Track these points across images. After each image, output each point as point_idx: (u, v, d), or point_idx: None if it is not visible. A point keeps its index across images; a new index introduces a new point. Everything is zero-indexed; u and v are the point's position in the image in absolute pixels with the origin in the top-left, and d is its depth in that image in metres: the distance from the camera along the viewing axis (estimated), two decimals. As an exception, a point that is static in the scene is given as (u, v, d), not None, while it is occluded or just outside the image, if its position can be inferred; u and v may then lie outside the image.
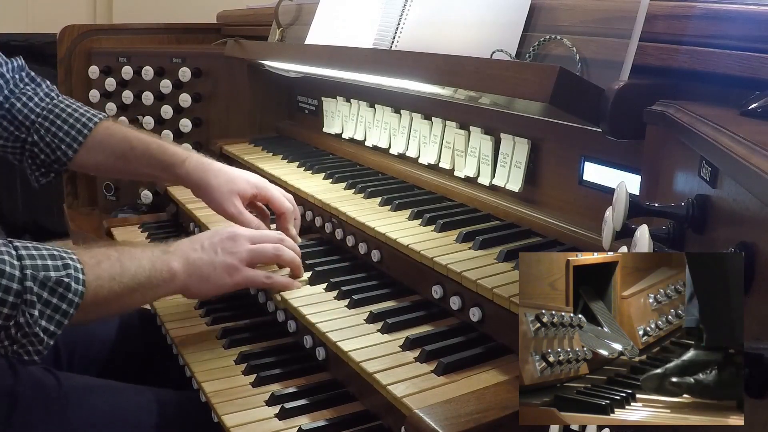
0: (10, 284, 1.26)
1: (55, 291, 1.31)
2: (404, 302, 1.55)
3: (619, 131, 1.26)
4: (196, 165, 1.87)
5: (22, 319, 1.27)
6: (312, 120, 2.66)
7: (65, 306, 1.32)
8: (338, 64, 1.98)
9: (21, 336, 1.29)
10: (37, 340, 1.30)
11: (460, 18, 1.74)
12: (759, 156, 0.72)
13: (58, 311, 1.32)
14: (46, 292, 1.30)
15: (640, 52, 1.29)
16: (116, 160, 1.93)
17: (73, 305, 1.33)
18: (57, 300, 1.31)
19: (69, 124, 1.90)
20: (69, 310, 1.32)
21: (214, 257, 1.56)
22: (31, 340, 1.30)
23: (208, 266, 1.55)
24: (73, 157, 1.91)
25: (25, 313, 1.28)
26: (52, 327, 1.31)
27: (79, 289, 1.34)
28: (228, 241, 1.60)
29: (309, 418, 1.37)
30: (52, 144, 1.90)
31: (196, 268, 1.53)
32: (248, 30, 2.88)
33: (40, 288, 1.30)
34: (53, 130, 1.89)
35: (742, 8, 1.17)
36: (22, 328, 1.28)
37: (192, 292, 1.57)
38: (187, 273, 1.52)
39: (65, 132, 1.90)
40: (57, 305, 1.31)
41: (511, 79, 1.34)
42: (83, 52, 2.95)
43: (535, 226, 1.60)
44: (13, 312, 1.27)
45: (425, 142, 2.02)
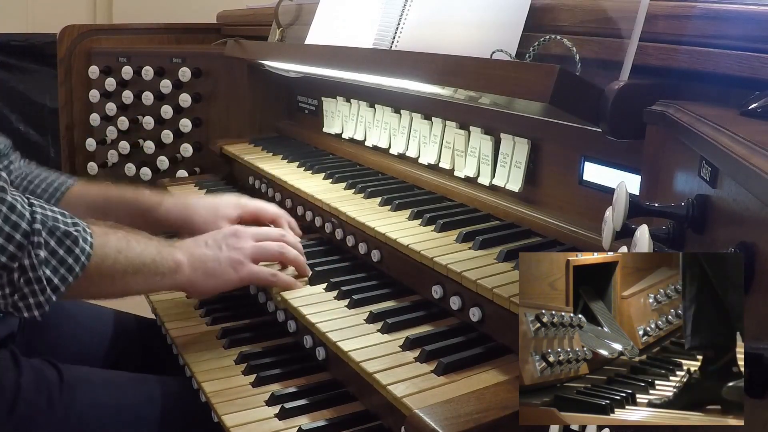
0: (20, 222, 1.24)
1: (63, 242, 1.29)
2: (404, 302, 1.55)
3: (619, 131, 1.26)
4: (175, 204, 1.87)
5: (26, 261, 1.25)
6: (312, 120, 2.67)
7: (71, 260, 1.30)
8: (338, 64, 1.98)
9: (24, 282, 1.26)
10: (40, 288, 1.27)
11: (460, 18, 1.74)
12: (759, 156, 0.72)
13: (63, 264, 1.29)
14: (54, 240, 1.28)
15: (640, 52, 1.29)
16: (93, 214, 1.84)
17: (79, 263, 1.31)
18: (64, 252, 1.29)
19: (47, 183, 1.90)
20: (75, 267, 1.30)
21: (218, 253, 1.56)
22: (33, 289, 1.27)
23: (213, 261, 1.55)
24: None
25: (31, 255, 1.25)
26: (56, 279, 1.29)
27: (86, 248, 1.32)
28: (232, 238, 1.60)
29: (309, 418, 1.37)
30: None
31: (201, 263, 1.54)
32: (248, 30, 2.88)
33: (48, 235, 1.28)
34: (31, 188, 1.88)
35: (742, 8, 1.17)
36: (26, 272, 1.25)
37: (198, 287, 1.56)
38: (192, 267, 1.52)
39: (43, 189, 1.88)
40: (63, 257, 1.29)
41: (511, 79, 1.34)
42: (83, 52, 2.95)
43: (535, 226, 1.60)
44: (18, 252, 1.24)
45: (425, 142, 2.02)
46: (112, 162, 2.94)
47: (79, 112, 2.99)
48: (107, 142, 2.93)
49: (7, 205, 1.24)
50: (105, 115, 2.91)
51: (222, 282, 1.57)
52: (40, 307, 1.29)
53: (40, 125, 3.97)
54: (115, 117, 2.90)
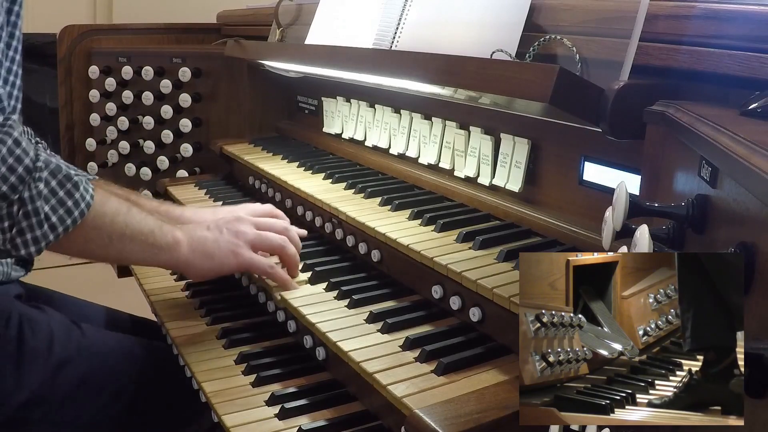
0: (23, 156, 1.25)
1: (64, 184, 1.30)
2: (404, 302, 1.55)
3: (619, 131, 1.26)
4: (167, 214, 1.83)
5: (26, 193, 1.25)
6: (312, 120, 2.67)
7: (71, 203, 1.30)
8: (338, 64, 1.98)
9: (22, 215, 1.26)
10: (37, 222, 1.27)
11: (460, 18, 1.74)
12: (759, 156, 0.72)
13: (62, 205, 1.29)
14: (55, 181, 1.29)
15: (640, 52, 1.29)
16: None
17: (78, 209, 1.31)
18: (64, 193, 1.30)
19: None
20: (73, 211, 1.30)
21: (219, 236, 1.57)
22: (31, 223, 1.27)
23: (213, 243, 1.55)
24: None
25: (31, 188, 1.25)
26: (54, 218, 1.29)
27: (86, 195, 1.33)
28: (234, 223, 1.61)
29: (309, 418, 1.37)
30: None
31: (199, 244, 1.54)
32: (248, 30, 2.88)
33: (50, 175, 1.28)
34: None
35: (742, 8, 1.17)
36: (25, 204, 1.26)
37: (195, 268, 1.56)
38: (191, 248, 1.53)
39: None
40: (63, 198, 1.29)
41: (511, 79, 1.34)
42: (83, 52, 2.95)
43: (535, 226, 1.60)
44: (19, 184, 1.25)
45: (425, 142, 2.02)
46: (112, 162, 2.94)
47: (79, 112, 2.99)
48: (107, 142, 2.93)
49: (12, 139, 1.25)
50: (105, 115, 2.91)
51: (219, 265, 1.57)
52: (37, 242, 1.29)
53: (40, 125, 3.96)
54: (115, 117, 2.90)
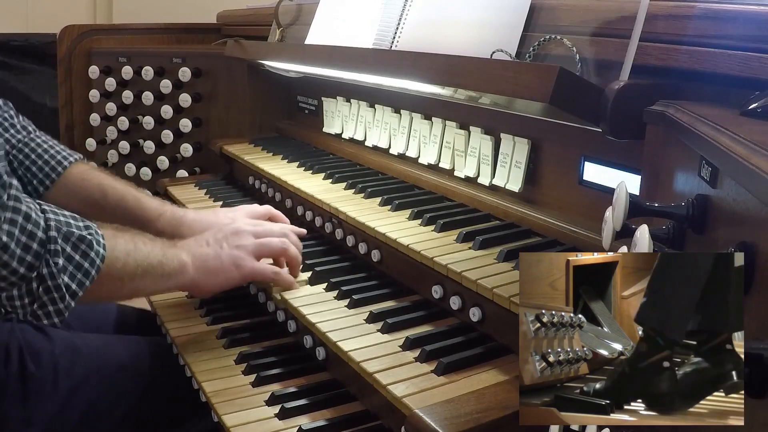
0: (35, 231, 1.23)
1: (78, 247, 1.29)
2: (404, 302, 1.55)
3: (619, 131, 1.26)
4: (170, 221, 1.83)
5: (45, 270, 1.24)
6: (312, 120, 2.67)
7: (87, 265, 1.30)
8: (338, 64, 1.98)
9: (43, 291, 1.25)
10: (59, 296, 1.27)
11: (460, 18, 1.74)
12: (759, 156, 0.72)
13: (80, 269, 1.29)
14: (69, 246, 1.28)
15: (640, 52, 1.29)
16: (88, 206, 1.83)
17: (95, 266, 1.31)
18: (79, 257, 1.29)
19: (43, 160, 1.84)
20: (91, 271, 1.30)
21: (220, 251, 1.57)
22: (53, 297, 1.27)
23: (215, 260, 1.55)
24: (44, 194, 1.83)
25: (49, 263, 1.24)
26: (74, 285, 1.28)
27: (100, 250, 1.32)
28: (233, 236, 1.61)
29: (309, 417, 1.37)
30: (24, 178, 1.83)
31: (203, 263, 1.54)
32: (248, 30, 2.88)
33: (64, 241, 1.27)
34: (27, 164, 1.83)
35: (742, 8, 1.17)
36: (45, 280, 1.25)
37: (201, 287, 1.57)
38: (195, 267, 1.53)
39: (38, 167, 1.83)
40: (79, 262, 1.29)
41: (511, 79, 1.34)
42: (83, 52, 2.95)
43: (535, 226, 1.60)
44: (36, 261, 1.24)
45: (425, 142, 2.02)
46: (112, 162, 2.94)
47: (79, 112, 2.99)
48: (107, 142, 2.93)
49: (22, 214, 1.23)
50: (105, 115, 2.91)
51: (224, 280, 1.57)
52: (60, 314, 1.29)
53: (40, 125, 3.96)
54: (115, 117, 2.90)
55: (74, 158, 1.88)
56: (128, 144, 2.90)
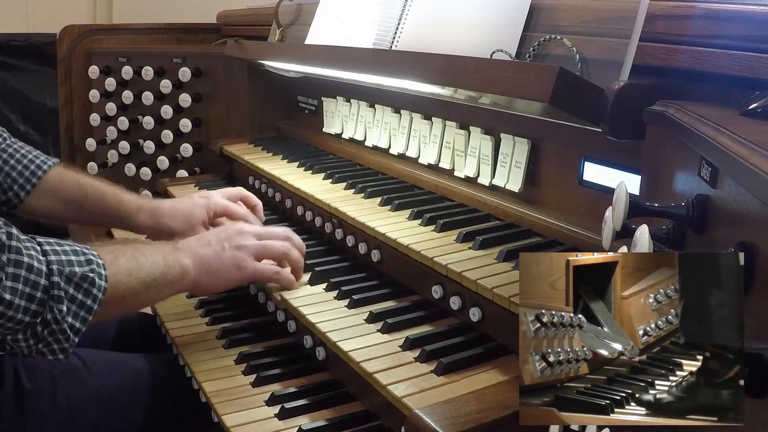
0: (38, 279, 1.24)
1: (81, 287, 1.29)
2: (404, 302, 1.55)
3: (619, 131, 1.26)
4: (149, 212, 1.88)
5: (49, 315, 1.25)
6: (312, 120, 2.67)
7: (90, 302, 1.31)
8: (338, 64, 1.98)
9: (48, 333, 1.27)
10: (64, 338, 1.28)
11: (460, 18, 1.74)
12: (759, 156, 0.72)
13: (83, 307, 1.30)
14: (72, 287, 1.28)
15: (640, 52, 1.29)
16: (68, 206, 1.88)
17: (97, 301, 1.31)
18: (82, 296, 1.30)
19: (23, 165, 1.85)
20: (93, 306, 1.31)
21: (221, 252, 1.57)
22: (58, 338, 1.28)
23: (216, 261, 1.56)
24: (24, 198, 1.85)
25: (53, 309, 1.25)
26: (77, 324, 1.29)
27: (102, 284, 1.33)
28: (235, 237, 1.61)
29: (309, 418, 1.37)
30: (4, 184, 1.84)
31: (204, 264, 1.54)
32: (248, 30, 2.88)
33: (67, 283, 1.28)
34: (6, 170, 1.83)
35: (742, 8, 1.17)
36: (49, 325, 1.26)
37: (202, 287, 1.57)
38: (196, 269, 1.53)
39: (18, 172, 1.84)
40: (82, 301, 1.30)
41: (511, 79, 1.34)
42: (83, 52, 2.95)
43: (535, 226, 1.60)
44: (40, 308, 1.25)
45: (425, 142, 2.02)
46: (112, 162, 2.94)
47: (79, 112, 2.99)
48: (107, 142, 2.93)
49: (24, 267, 1.23)
50: (105, 115, 2.91)
51: (225, 281, 1.58)
52: (65, 351, 1.31)
53: (40, 125, 3.97)
54: (115, 117, 2.90)
55: (52, 162, 1.90)
56: (128, 144, 2.90)
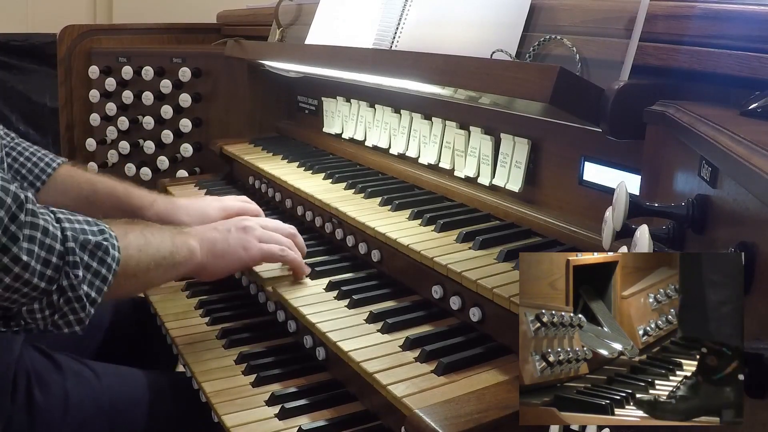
0: (54, 244, 1.23)
1: (95, 254, 1.29)
2: (404, 302, 1.55)
3: (619, 131, 1.26)
4: (165, 207, 1.88)
5: (65, 282, 1.24)
6: (312, 120, 2.67)
7: (104, 271, 1.30)
8: (338, 64, 1.98)
9: (64, 302, 1.25)
10: (80, 306, 1.27)
11: (460, 18, 1.74)
12: (759, 156, 0.72)
13: (98, 276, 1.29)
14: (87, 254, 1.28)
15: (640, 52, 1.29)
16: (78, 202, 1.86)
17: (112, 271, 1.31)
18: (97, 264, 1.29)
19: (32, 162, 1.87)
20: (108, 276, 1.30)
21: (227, 235, 1.60)
22: (74, 307, 1.26)
23: (223, 243, 1.58)
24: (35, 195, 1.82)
25: (68, 275, 1.24)
26: (93, 293, 1.29)
27: (116, 254, 1.32)
28: (241, 221, 1.66)
29: (309, 418, 1.37)
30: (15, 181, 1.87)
31: (211, 246, 1.56)
32: (248, 30, 2.88)
33: (81, 250, 1.27)
34: (16, 167, 1.85)
35: (742, 8, 1.17)
36: (65, 292, 1.25)
37: (208, 270, 1.58)
38: (203, 250, 1.55)
39: (28, 170, 1.85)
40: (97, 269, 1.29)
41: (511, 79, 1.34)
42: (83, 52, 2.95)
43: (535, 226, 1.60)
44: (56, 274, 1.23)
45: (425, 142, 2.02)
46: (112, 162, 2.94)
47: (79, 112, 2.99)
48: (107, 142, 2.93)
49: (40, 229, 1.22)
50: (105, 115, 2.91)
51: (232, 262, 1.59)
52: (81, 323, 1.29)
53: (40, 125, 3.97)
54: (115, 117, 2.90)
55: (60, 160, 1.91)
56: (128, 144, 2.90)
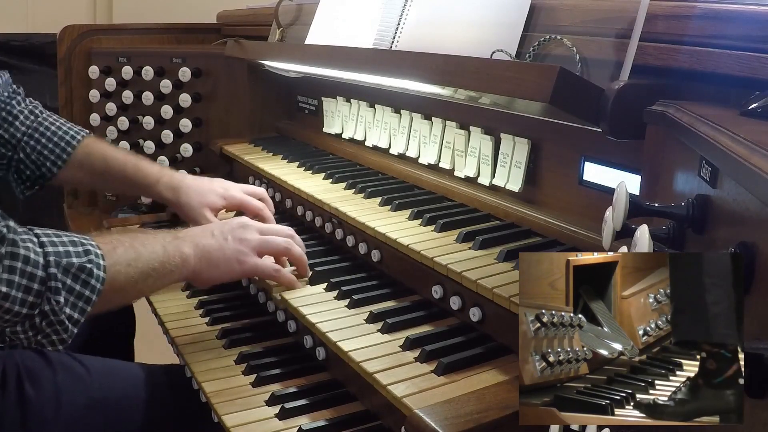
0: (35, 271, 1.25)
1: (78, 277, 1.30)
2: (404, 302, 1.55)
3: (619, 131, 1.26)
4: (168, 184, 1.98)
5: (47, 306, 1.26)
6: (312, 120, 2.66)
7: (88, 292, 1.31)
8: (338, 64, 1.98)
9: (46, 325, 1.27)
10: (62, 329, 1.29)
11: (460, 18, 1.74)
12: (759, 156, 0.72)
13: (81, 298, 1.30)
14: (70, 278, 1.29)
15: (640, 52, 1.29)
16: (95, 177, 2.04)
17: (96, 291, 1.32)
18: (80, 287, 1.30)
19: (53, 142, 1.98)
20: (92, 297, 1.31)
21: (224, 243, 1.57)
22: (56, 329, 1.28)
23: (218, 252, 1.56)
24: (57, 173, 1.99)
25: (50, 301, 1.26)
26: (76, 314, 1.30)
27: (101, 275, 1.33)
28: (238, 229, 1.62)
29: (309, 418, 1.37)
30: (37, 161, 1.97)
31: (205, 253, 1.55)
32: (248, 30, 2.88)
33: (64, 274, 1.28)
34: (38, 149, 1.97)
35: (742, 8, 1.17)
36: (47, 316, 1.26)
37: (201, 277, 1.57)
38: (197, 258, 1.53)
39: (50, 150, 1.98)
40: (80, 292, 1.30)
41: (511, 79, 1.34)
42: (83, 52, 2.95)
43: (535, 226, 1.60)
44: (38, 300, 1.25)
45: (425, 142, 2.02)
46: (112, 162, 2.94)
47: (79, 112, 2.98)
48: (107, 142, 2.93)
49: (21, 259, 1.24)
50: (105, 115, 2.91)
51: (225, 273, 1.58)
52: (64, 342, 1.32)
53: (40, 125, 3.96)
54: (115, 117, 2.90)
55: (82, 135, 2.04)
56: (128, 144, 2.89)
